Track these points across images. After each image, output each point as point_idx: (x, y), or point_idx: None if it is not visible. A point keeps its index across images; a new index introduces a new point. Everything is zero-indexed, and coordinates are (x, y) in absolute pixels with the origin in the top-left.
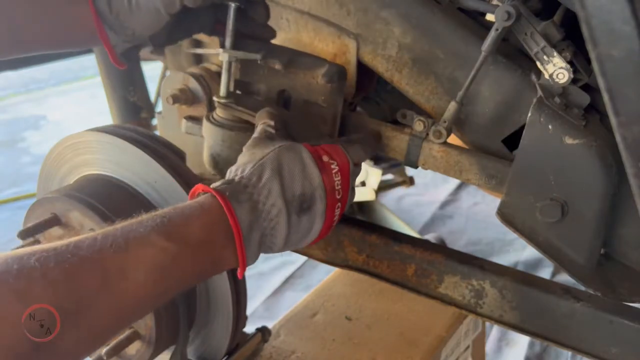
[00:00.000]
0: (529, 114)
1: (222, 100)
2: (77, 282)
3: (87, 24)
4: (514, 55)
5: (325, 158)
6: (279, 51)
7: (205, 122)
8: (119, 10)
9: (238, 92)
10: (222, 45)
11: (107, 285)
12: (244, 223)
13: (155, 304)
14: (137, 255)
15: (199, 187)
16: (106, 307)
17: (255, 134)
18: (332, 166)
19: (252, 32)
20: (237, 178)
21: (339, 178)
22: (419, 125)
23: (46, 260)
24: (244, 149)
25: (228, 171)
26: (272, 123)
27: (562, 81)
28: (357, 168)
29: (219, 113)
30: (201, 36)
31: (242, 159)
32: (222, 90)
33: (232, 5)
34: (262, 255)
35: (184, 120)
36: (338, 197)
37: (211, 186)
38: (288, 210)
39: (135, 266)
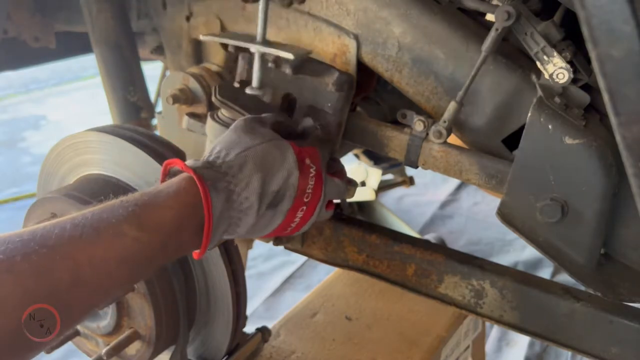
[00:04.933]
0: (529, 114)
1: (219, 98)
2: (47, 278)
3: None
4: (514, 55)
5: (307, 161)
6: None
7: (209, 121)
8: None
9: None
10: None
11: (79, 280)
12: (217, 210)
13: (123, 292)
14: (108, 246)
15: (176, 162)
16: (78, 301)
17: (210, 141)
18: (311, 170)
19: None
20: (219, 162)
21: (313, 182)
22: (419, 125)
23: (12, 252)
24: (233, 127)
25: (212, 147)
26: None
27: (562, 81)
28: (337, 183)
29: (224, 112)
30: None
31: (228, 138)
32: (255, 82)
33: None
34: (262, 255)
35: (185, 117)
36: (305, 200)
37: (192, 167)
38: (259, 204)
39: (106, 258)
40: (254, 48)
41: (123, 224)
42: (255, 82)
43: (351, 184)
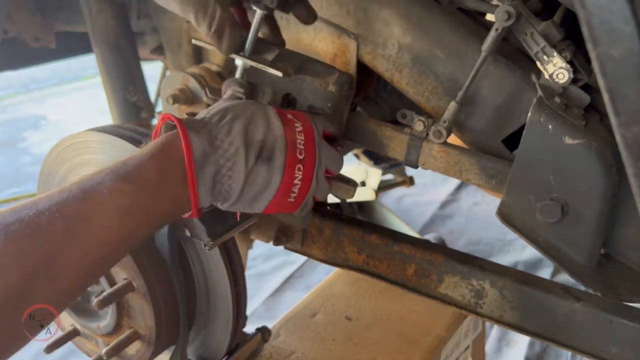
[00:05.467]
0: (529, 114)
1: (211, 97)
2: (41, 234)
3: None
4: (514, 55)
5: (289, 116)
6: (289, 55)
7: None
8: None
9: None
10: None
11: (72, 232)
12: (198, 151)
13: (125, 248)
14: (96, 200)
15: (162, 116)
16: (75, 255)
17: (223, 97)
18: (296, 125)
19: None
20: (201, 117)
21: (302, 137)
22: (419, 125)
23: (4, 218)
24: (216, 103)
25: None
26: (240, 90)
27: (562, 81)
28: (331, 151)
29: None
30: (203, 39)
31: (208, 109)
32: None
33: (259, 12)
34: (262, 255)
35: (185, 117)
36: (300, 156)
37: (174, 116)
38: (246, 151)
39: (96, 210)
40: (239, 60)
41: (109, 179)
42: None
43: (350, 184)
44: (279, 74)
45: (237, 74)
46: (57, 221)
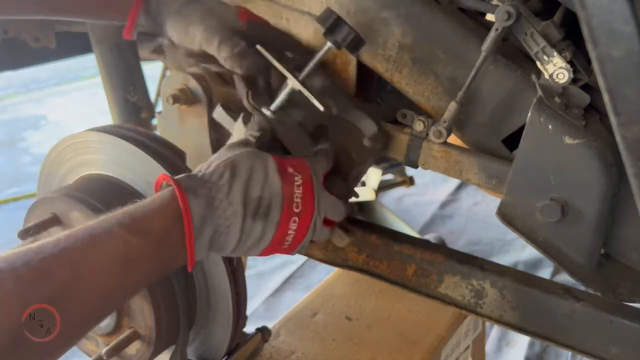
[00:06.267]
0: (529, 114)
1: (252, 103)
2: (46, 278)
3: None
4: (514, 55)
5: (290, 170)
6: (337, 93)
7: (239, 122)
8: (166, 1)
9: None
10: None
11: (79, 277)
12: (197, 216)
13: (126, 296)
14: (102, 248)
15: (162, 176)
16: (78, 299)
17: (234, 139)
18: (296, 178)
19: None
20: (199, 174)
21: (300, 191)
22: (419, 125)
23: (11, 261)
24: (221, 149)
25: (197, 168)
26: (256, 134)
27: (562, 81)
28: (335, 201)
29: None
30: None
31: (211, 158)
32: (273, 106)
33: (328, 44)
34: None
35: (219, 106)
36: (296, 210)
37: (173, 177)
38: (244, 212)
39: (101, 257)
40: (291, 82)
41: (115, 228)
42: (274, 105)
43: (349, 234)
44: (321, 108)
45: (280, 96)
46: (63, 264)
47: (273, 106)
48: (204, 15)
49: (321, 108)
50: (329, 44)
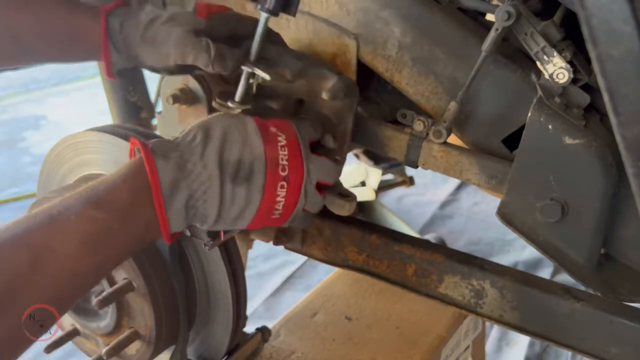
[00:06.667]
0: (529, 114)
1: (218, 101)
2: (4, 264)
3: (92, 38)
4: (514, 55)
5: (272, 129)
6: (291, 60)
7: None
8: (128, 34)
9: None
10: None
11: (38, 262)
12: (166, 180)
13: (97, 276)
14: (64, 227)
15: (133, 141)
16: (41, 286)
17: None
18: (279, 139)
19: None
20: (172, 138)
21: (286, 152)
22: (419, 125)
23: None
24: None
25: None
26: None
27: (562, 81)
28: (324, 162)
29: None
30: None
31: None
32: (237, 96)
33: (263, 15)
34: (262, 255)
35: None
36: (283, 173)
37: (142, 141)
38: (221, 175)
39: (63, 238)
40: (244, 67)
41: (76, 204)
42: (237, 96)
43: (347, 199)
44: (267, 77)
45: (240, 84)
46: (22, 249)
47: (237, 97)
48: (168, 31)
49: (267, 77)
50: (263, 14)
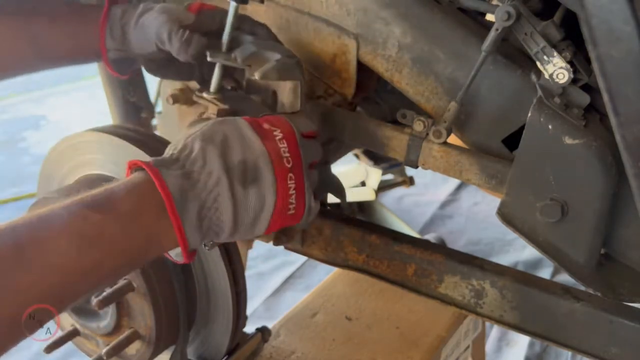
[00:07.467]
0: (529, 114)
1: (197, 94)
2: None
3: (97, 37)
4: (514, 55)
5: (266, 126)
6: (246, 47)
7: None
8: (126, 22)
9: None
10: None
11: (24, 258)
12: (175, 188)
13: (89, 280)
14: (54, 225)
15: (131, 162)
16: (26, 284)
17: (196, 118)
18: (275, 133)
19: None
20: (167, 155)
21: (285, 145)
22: (418, 125)
23: None
24: (182, 130)
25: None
26: (215, 113)
27: (562, 81)
28: (311, 143)
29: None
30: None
31: (175, 140)
32: (212, 87)
33: (233, 3)
34: (262, 255)
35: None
36: (288, 165)
37: (142, 160)
38: (229, 178)
39: (53, 235)
40: (209, 57)
41: (72, 205)
42: (212, 87)
43: (342, 194)
44: (231, 64)
45: (215, 74)
46: (6, 245)
47: (212, 87)
48: (155, 16)
49: (231, 64)
50: (233, 3)
